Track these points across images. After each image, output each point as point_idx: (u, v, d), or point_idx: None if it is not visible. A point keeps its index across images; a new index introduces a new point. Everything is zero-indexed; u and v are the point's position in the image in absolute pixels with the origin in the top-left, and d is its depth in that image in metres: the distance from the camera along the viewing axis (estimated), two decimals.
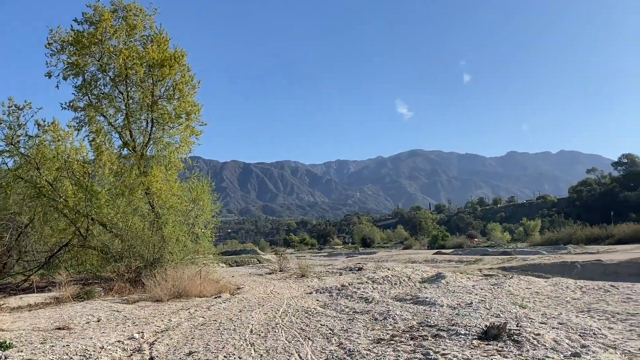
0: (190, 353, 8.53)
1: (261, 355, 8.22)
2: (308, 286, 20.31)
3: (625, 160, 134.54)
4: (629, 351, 7.77)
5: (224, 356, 8.19)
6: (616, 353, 7.56)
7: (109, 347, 8.96)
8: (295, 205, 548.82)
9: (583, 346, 7.79)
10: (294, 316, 12.25)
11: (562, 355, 7.18)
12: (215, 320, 11.96)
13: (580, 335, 8.75)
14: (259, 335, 9.95)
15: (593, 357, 7.08)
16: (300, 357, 7.96)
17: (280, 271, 29.49)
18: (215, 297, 16.85)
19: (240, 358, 8.05)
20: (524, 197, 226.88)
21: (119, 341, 9.55)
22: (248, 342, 9.25)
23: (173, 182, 23.18)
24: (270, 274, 28.89)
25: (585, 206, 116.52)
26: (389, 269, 23.96)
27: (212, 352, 8.49)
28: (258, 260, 44.42)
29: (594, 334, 9.10)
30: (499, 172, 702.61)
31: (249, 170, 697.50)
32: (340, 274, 25.44)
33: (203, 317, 12.65)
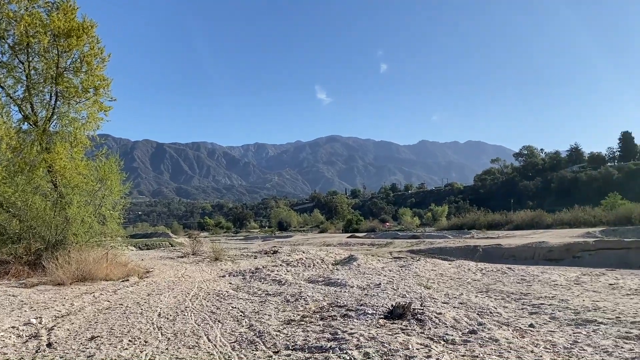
0: (92, 338, 8.15)
1: (168, 338, 8.03)
2: (221, 269, 20.08)
3: (526, 152, 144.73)
4: (520, 328, 8.40)
5: (129, 340, 7.92)
6: (509, 330, 8.15)
7: (1, 334, 8.36)
8: (212, 187, 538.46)
9: (480, 324, 8.31)
10: (204, 299, 12.07)
11: (460, 333, 7.62)
12: (122, 304, 11.52)
13: (478, 314, 9.34)
14: (167, 318, 9.71)
15: (488, 333, 7.57)
16: (209, 340, 7.86)
17: (193, 255, 28.91)
18: (123, 281, 16.21)
19: (146, 342, 7.81)
20: (433, 184, 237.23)
21: (13, 327, 8.93)
22: (155, 326, 9.00)
23: (79, 160, 21.85)
24: (182, 257, 28.24)
25: (489, 194, 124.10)
26: (303, 252, 24.23)
27: (117, 337, 8.17)
28: (170, 244, 43.26)
29: (490, 312, 9.75)
30: (412, 160, 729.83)
31: (162, 151, 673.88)
32: (255, 257, 25.39)
33: (108, 301, 12.13)
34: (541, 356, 6.58)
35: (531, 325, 8.53)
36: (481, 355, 6.32)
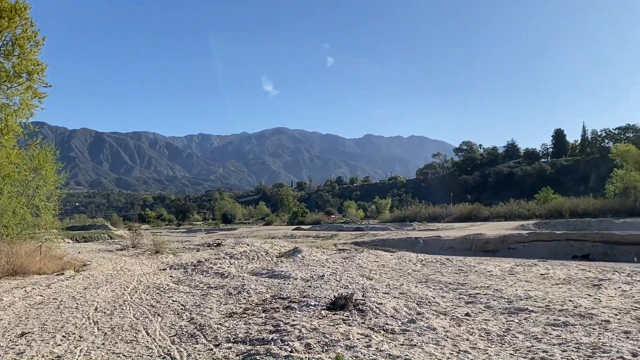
0: (22, 334, 7.79)
1: (105, 333, 7.79)
2: (162, 262, 19.66)
3: (465, 147, 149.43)
4: (457, 317, 8.70)
5: (63, 336, 7.62)
6: (446, 319, 8.42)
7: None
8: (153, 179, 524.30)
9: (418, 313, 8.55)
10: (144, 293, 11.78)
11: (399, 322, 7.81)
12: (56, 299, 11.06)
13: (417, 304, 9.59)
14: (105, 313, 9.41)
15: (426, 323, 7.79)
16: (147, 334, 7.68)
17: (133, 247, 28.14)
18: (58, 275, 15.56)
19: (81, 337, 7.54)
20: (377, 178, 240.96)
21: None
22: (92, 321, 8.70)
23: (10, 148, 20.71)
24: (121, 250, 27.43)
25: (430, 187, 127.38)
26: (247, 245, 24.07)
27: (49, 332, 7.84)
28: (109, 236, 41.89)
29: (429, 302, 10.04)
30: (357, 153, 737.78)
31: (101, 140, 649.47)
32: (198, 250, 25.01)
33: (41, 295, 11.62)
34: (476, 344, 6.84)
35: (467, 314, 8.85)
36: (419, 344, 6.50)
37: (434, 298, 10.43)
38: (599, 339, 7.03)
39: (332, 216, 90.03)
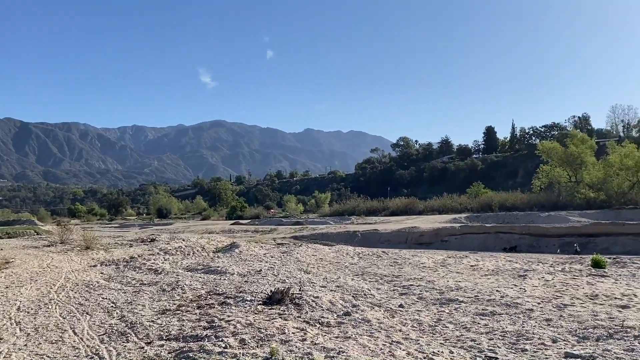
0: None
1: (28, 334, 7.39)
2: (92, 259, 18.88)
3: (402, 143, 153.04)
4: (391, 308, 8.89)
5: None
6: (380, 310, 8.59)
7: None
8: (84, 172, 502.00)
9: (354, 306, 8.66)
10: (72, 291, 11.27)
11: (335, 315, 7.88)
12: None
13: (353, 296, 9.72)
14: (28, 312, 8.93)
15: (361, 315, 7.91)
16: (75, 333, 7.36)
17: (61, 243, 26.84)
18: None
19: (1, 339, 7.11)
20: (317, 172, 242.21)
21: None
22: (13, 321, 8.23)
23: None
24: (49, 246, 26.09)
25: (368, 182, 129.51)
26: (183, 240, 23.56)
27: None
28: (36, 232, 39.73)
29: (365, 294, 10.21)
30: (297, 147, 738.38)
31: (27, 131, 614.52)
32: (131, 246, 24.22)
33: None
34: (408, 334, 7.02)
35: (401, 306, 9.06)
36: (353, 335, 6.59)
37: (370, 290, 10.61)
38: (523, 327, 7.39)
39: (272, 210, 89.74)
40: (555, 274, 13.03)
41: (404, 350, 6.07)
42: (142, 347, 6.43)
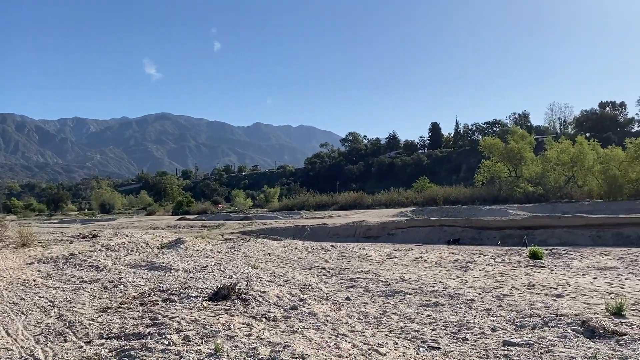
0: None
1: None
2: (29, 256, 18.01)
3: (351, 138, 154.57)
4: (338, 301, 8.96)
5: None
6: (327, 304, 8.64)
7: None
8: (21, 165, 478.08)
9: (301, 300, 8.67)
10: (6, 290, 10.72)
11: (282, 309, 7.86)
12: None
13: (300, 290, 9.73)
14: None
15: (308, 308, 7.92)
16: (8, 334, 7.01)
17: None
18: None
19: None
20: (267, 166, 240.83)
21: None
22: None
23: None
24: None
25: (318, 176, 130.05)
26: (127, 236, 22.88)
27: None
28: None
29: (312, 288, 10.24)
30: (246, 142, 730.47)
31: None
32: (71, 242, 23.29)
33: None
34: (354, 326, 7.09)
35: (347, 299, 9.15)
36: (300, 329, 6.59)
37: (317, 284, 10.65)
38: (465, 317, 7.62)
39: (220, 205, 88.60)
40: (496, 265, 13.51)
41: (349, 342, 6.13)
42: (81, 347, 6.20)
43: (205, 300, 8.34)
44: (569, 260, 14.03)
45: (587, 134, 68.50)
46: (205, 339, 6.00)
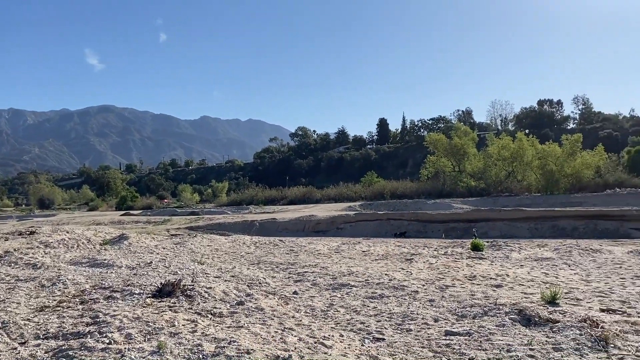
0: None
1: None
2: None
3: (300, 132, 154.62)
4: (285, 295, 8.98)
5: None
6: (274, 298, 8.64)
7: None
8: None
9: (248, 295, 8.62)
10: None
11: (228, 305, 7.79)
12: None
13: (247, 286, 9.67)
14: None
15: (255, 304, 7.89)
16: None
17: None
18: None
19: None
20: (215, 161, 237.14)
21: None
22: None
23: None
24: None
25: (267, 171, 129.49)
26: (67, 232, 21.97)
27: None
28: None
29: (260, 283, 10.21)
30: (193, 135, 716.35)
31: None
32: (6, 239, 22.14)
33: None
34: (301, 320, 7.13)
35: (295, 293, 9.19)
36: (246, 324, 6.56)
37: (265, 279, 10.63)
38: (409, 308, 7.80)
39: (166, 200, 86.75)
40: (439, 257, 13.89)
41: (295, 336, 6.15)
42: (15, 348, 5.92)
43: (149, 297, 8.15)
44: (508, 252, 14.61)
45: (527, 131, 71.31)
46: (148, 337, 5.86)
